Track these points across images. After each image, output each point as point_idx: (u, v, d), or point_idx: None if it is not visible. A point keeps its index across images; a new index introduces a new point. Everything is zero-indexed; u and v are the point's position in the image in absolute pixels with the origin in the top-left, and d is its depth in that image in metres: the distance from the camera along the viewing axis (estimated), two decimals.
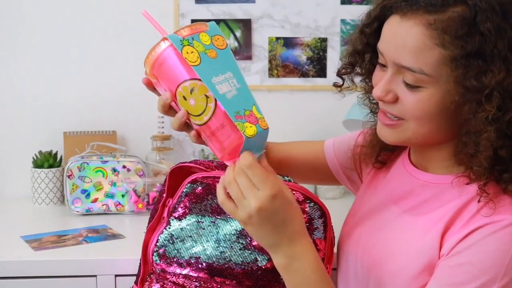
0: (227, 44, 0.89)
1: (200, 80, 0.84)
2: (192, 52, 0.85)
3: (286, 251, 0.88)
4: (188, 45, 0.86)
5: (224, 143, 0.87)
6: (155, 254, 1.04)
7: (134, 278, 1.11)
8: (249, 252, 0.99)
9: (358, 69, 1.04)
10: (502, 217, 0.86)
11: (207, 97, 0.85)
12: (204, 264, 1.00)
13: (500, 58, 0.84)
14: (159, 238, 1.04)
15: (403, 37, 0.88)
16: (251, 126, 0.85)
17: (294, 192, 1.03)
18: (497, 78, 0.83)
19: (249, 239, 0.99)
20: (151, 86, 0.92)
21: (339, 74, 1.06)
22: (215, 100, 0.85)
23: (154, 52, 0.87)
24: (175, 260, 1.02)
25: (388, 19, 0.92)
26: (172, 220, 1.03)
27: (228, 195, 0.87)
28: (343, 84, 1.07)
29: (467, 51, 0.84)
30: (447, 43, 0.84)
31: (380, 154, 1.10)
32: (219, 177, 0.89)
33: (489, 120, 0.84)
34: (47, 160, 1.80)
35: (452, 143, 0.93)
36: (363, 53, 1.01)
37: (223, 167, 1.06)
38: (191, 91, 0.86)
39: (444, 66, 0.86)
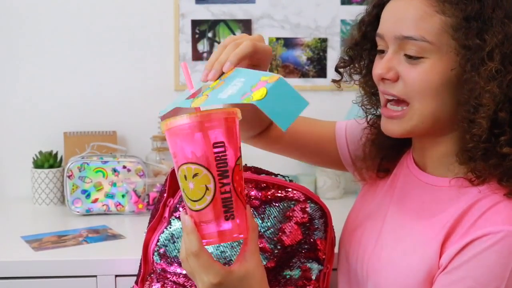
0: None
1: (205, 168, 0.80)
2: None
3: None
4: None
5: (205, 236, 0.84)
6: (155, 253, 1.04)
7: (134, 278, 1.11)
8: None
9: (356, 65, 1.04)
10: (499, 228, 0.85)
11: (207, 188, 0.81)
12: None
13: (498, 22, 0.86)
14: (160, 237, 1.03)
15: (403, 10, 0.90)
16: (258, 91, 0.78)
17: (295, 191, 1.03)
18: (498, 38, 0.85)
19: None
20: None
21: (337, 68, 1.06)
22: (214, 194, 0.81)
23: (174, 120, 0.81)
24: (175, 259, 1.02)
25: (386, 4, 0.94)
26: (173, 219, 1.03)
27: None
28: (341, 79, 1.06)
29: (467, 13, 0.86)
30: (447, 10, 0.87)
31: (381, 163, 1.08)
32: None
33: (493, 75, 0.84)
34: (47, 161, 1.80)
35: (455, 135, 0.92)
36: (362, 45, 1.01)
37: None
38: (194, 175, 0.81)
39: (445, 33, 0.87)
